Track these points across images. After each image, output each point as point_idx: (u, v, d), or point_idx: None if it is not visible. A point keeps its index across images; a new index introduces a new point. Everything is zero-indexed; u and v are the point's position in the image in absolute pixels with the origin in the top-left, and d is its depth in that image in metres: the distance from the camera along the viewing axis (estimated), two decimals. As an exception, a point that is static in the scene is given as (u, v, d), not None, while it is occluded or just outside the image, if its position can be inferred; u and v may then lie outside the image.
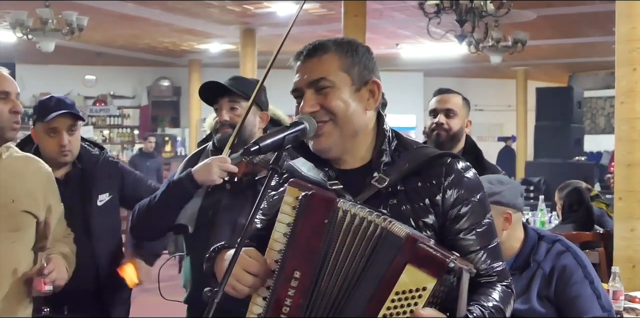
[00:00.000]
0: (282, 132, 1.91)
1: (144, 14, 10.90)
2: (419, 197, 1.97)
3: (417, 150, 2.05)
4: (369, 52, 2.06)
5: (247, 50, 12.58)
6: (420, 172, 1.99)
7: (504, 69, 16.72)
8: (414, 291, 1.74)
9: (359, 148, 2.04)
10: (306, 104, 1.98)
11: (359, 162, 2.04)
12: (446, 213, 1.97)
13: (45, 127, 3.36)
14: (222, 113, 3.07)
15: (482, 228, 1.99)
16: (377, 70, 2.07)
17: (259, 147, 1.84)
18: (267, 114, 3.22)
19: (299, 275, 1.82)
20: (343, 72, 1.99)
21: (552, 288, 3.03)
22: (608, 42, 8.92)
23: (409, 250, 1.75)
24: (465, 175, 2.00)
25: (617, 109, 5.68)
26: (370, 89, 2.02)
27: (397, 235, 1.78)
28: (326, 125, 1.97)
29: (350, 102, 1.98)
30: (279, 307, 1.83)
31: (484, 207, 2.03)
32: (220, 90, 3.08)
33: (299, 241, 1.84)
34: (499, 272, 2.01)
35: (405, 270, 1.74)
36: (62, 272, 2.85)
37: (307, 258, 1.83)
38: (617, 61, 5.67)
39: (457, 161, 2.02)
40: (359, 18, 9.07)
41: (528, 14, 10.42)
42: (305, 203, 1.85)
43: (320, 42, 2.04)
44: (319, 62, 2.00)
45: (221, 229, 2.92)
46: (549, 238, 3.19)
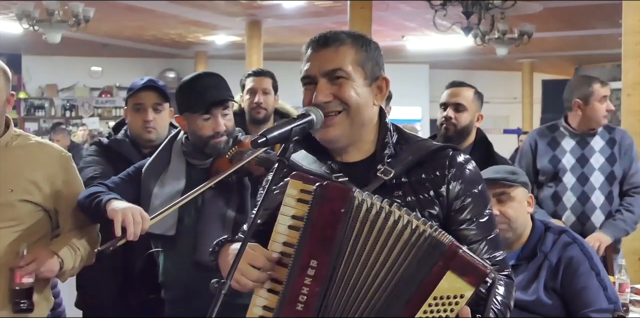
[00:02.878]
0: (289, 123, 1.91)
1: (150, 5, 10.89)
2: (424, 188, 2.00)
3: (418, 143, 2.09)
4: (379, 48, 2.10)
5: (252, 42, 12.57)
6: (424, 164, 2.03)
7: (510, 61, 16.68)
8: (451, 298, 1.77)
9: (363, 140, 2.06)
10: (320, 93, 1.99)
11: (362, 155, 2.07)
12: (450, 204, 2.01)
13: (132, 102, 3.54)
14: (219, 123, 2.95)
15: (483, 218, 2.04)
16: (384, 67, 2.11)
17: (267, 139, 1.84)
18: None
19: (315, 263, 1.82)
20: (358, 65, 2.01)
21: (558, 280, 3.04)
22: (614, 34, 8.89)
23: (452, 258, 1.78)
24: (467, 167, 2.05)
25: (623, 101, 5.67)
26: (379, 85, 2.06)
27: (440, 241, 1.80)
28: (338, 115, 1.99)
29: (364, 95, 2.01)
30: (295, 295, 1.83)
31: (485, 198, 2.08)
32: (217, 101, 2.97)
33: (315, 230, 1.84)
34: (499, 262, 2.05)
35: (445, 276, 1.76)
36: (47, 263, 2.76)
37: (324, 247, 1.83)
38: (623, 53, 5.66)
39: (458, 154, 2.07)
40: (365, 10, 9.05)
41: (534, 6, 10.39)
42: (321, 192, 1.86)
43: (335, 32, 2.06)
44: (336, 53, 2.01)
45: (209, 223, 2.89)
46: (556, 229, 3.20)
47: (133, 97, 3.54)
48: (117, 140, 3.62)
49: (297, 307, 1.82)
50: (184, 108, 2.98)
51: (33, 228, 2.88)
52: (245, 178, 2.97)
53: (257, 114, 4.29)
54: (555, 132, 4.63)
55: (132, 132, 3.59)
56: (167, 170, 3.05)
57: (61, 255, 2.82)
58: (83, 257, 2.93)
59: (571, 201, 4.50)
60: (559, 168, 4.52)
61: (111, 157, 3.53)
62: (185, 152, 3.06)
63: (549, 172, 4.53)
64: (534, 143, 4.62)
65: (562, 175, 4.53)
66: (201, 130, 2.95)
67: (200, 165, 3.03)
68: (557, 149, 4.55)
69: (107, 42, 14.74)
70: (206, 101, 2.92)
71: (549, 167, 4.53)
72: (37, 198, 2.86)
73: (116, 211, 2.69)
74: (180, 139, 3.11)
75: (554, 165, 4.53)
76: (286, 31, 13.33)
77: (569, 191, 4.50)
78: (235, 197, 2.94)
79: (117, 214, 2.67)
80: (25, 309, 2.75)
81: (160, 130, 3.55)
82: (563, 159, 4.52)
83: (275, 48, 14.62)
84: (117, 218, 2.66)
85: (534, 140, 4.63)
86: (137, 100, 3.52)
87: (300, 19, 12.12)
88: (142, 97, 3.51)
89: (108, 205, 2.76)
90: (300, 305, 1.82)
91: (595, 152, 4.54)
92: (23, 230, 2.84)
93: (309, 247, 1.84)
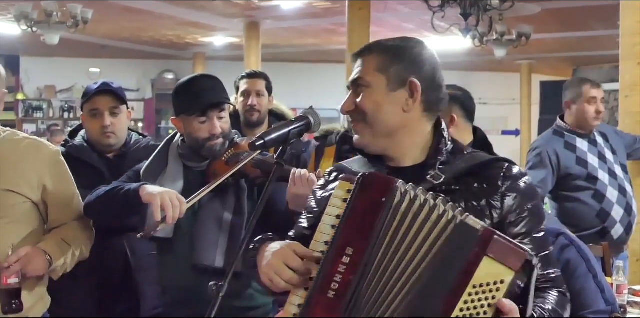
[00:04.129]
0: (286, 126, 1.92)
1: (148, 6, 10.88)
2: (475, 197, 1.97)
3: (472, 153, 2.09)
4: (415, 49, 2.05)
5: (251, 43, 12.56)
6: (477, 174, 2.01)
7: (508, 63, 16.67)
8: (491, 284, 1.73)
9: (404, 147, 2.05)
10: (344, 103, 2.04)
11: (413, 162, 2.05)
12: (505, 217, 1.98)
13: (87, 108, 3.46)
14: (215, 126, 2.95)
15: (538, 234, 2.01)
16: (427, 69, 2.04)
17: (264, 141, 1.85)
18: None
19: (351, 251, 1.80)
20: (379, 72, 2.00)
21: (555, 282, 3.04)
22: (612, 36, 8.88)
23: (487, 242, 1.74)
24: (523, 181, 2.02)
25: (621, 102, 5.67)
26: (411, 89, 2.01)
27: (472, 227, 1.77)
28: (359, 124, 2.02)
29: (383, 103, 1.99)
30: (328, 283, 1.80)
31: (540, 214, 2.04)
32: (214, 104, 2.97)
33: (354, 218, 1.83)
34: (553, 279, 2.01)
35: (482, 262, 1.73)
36: (33, 262, 2.73)
37: (361, 235, 1.81)
38: (621, 55, 5.66)
39: (513, 166, 2.05)
40: (364, 11, 9.05)
41: (532, 8, 10.38)
42: (364, 181, 1.85)
43: (374, 42, 2.08)
44: (361, 63, 2.04)
45: (206, 225, 2.89)
46: (552, 231, 3.19)
47: (88, 103, 3.47)
48: (76, 146, 3.55)
49: (329, 294, 1.80)
50: (180, 110, 2.98)
51: (21, 222, 2.84)
52: (242, 180, 2.97)
53: (250, 116, 4.28)
54: (563, 136, 4.69)
55: (91, 138, 3.52)
56: (165, 173, 3.05)
57: (49, 252, 2.79)
58: (75, 252, 2.91)
59: (615, 196, 4.59)
60: (590, 169, 4.57)
61: (71, 164, 3.40)
62: (182, 154, 3.06)
63: (582, 174, 4.59)
64: (552, 151, 4.63)
65: (596, 174, 4.60)
66: (197, 133, 2.95)
67: (197, 167, 3.02)
68: (577, 151, 4.62)
69: (105, 43, 14.72)
70: (202, 104, 2.92)
71: (580, 169, 4.59)
72: (23, 190, 2.83)
73: (154, 195, 2.69)
74: (176, 142, 3.10)
75: (583, 166, 4.58)
76: (284, 32, 13.32)
77: (609, 187, 4.59)
78: (232, 199, 2.94)
79: (155, 198, 2.67)
80: (15, 309, 2.71)
81: (120, 134, 3.50)
82: (588, 159, 4.59)
83: (274, 49, 14.61)
84: (156, 202, 2.66)
85: (552, 149, 4.65)
86: (92, 106, 3.45)
87: (298, 20, 12.11)
88: (98, 102, 3.44)
89: (142, 191, 2.75)
90: (332, 293, 1.79)
91: (604, 148, 4.66)
92: (9, 224, 2.80)
93: (346, 234, 1.82)
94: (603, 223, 4.55)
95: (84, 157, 3.49)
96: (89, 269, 3.21)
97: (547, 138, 4.87)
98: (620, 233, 4.59)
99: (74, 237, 2.93)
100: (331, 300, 1.79)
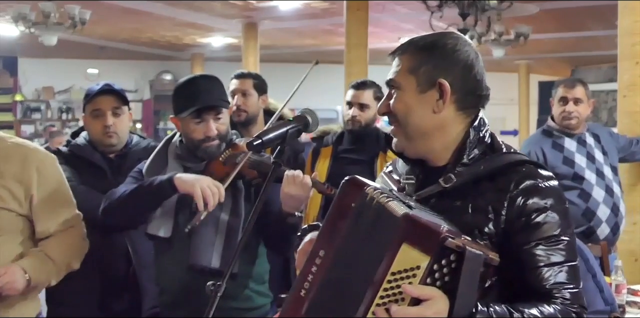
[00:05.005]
0: (284, 126, 1.92)
1: (146, 7, 10.88)
2: (482, 202, 1.89)
3: (502, 155, 1.97)
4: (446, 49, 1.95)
5: (249, 44, 12.56)
6: (494, 178, 1.91)
7: (506, 63, 16.68)
8: (408, 271, 1.71)
9: (439, 148, 1.99)
10: (380, 105, 2.02)
11: (441, 162, 2.00)
12: (512, 223, 1.86)
13: (90, 108, 3.46)
14: (210, 128, 2.94)
15: (554, 242, 1.85)
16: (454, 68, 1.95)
17: (262, 141, 1.85)
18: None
19: (322, 253, 1.85)
20: (410, 73, 1.95)
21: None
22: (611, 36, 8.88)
23: (404, 229, 1.72)
24: (544, 184, 1.90)
25: (619, 102, 5.67)
26: (441, 90, 1.94)
27: (393, 214, 1.75)
28: (394, 126, 1.99)
29: (413, 104, 1.95)
30: (302, 280, 1.87)
31: (564, 221, 1.88)
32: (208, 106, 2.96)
33: (327, 222, 1.88)
34: (569, 295, 1.83)
35: (400, 249, 1.72)
36: (10, 281, 2.66)
37: (331, 238, 1.86)
38: (619, 55, 5.66)
39: (536, 169, 1.94)
40: (362, 12, 9.04)
41: (530, 8, 10.39)
42: (341, 187, 1.89)
43: (411, 39, 2.01)
44: (395, 63, 1.99)
45: (203, 226, 2.86)
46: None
47: (91, 103, 3.47)
48: (78, 145, 3.56)
49: (301, 292, 1.85)
50: (177, 110, 2.97)
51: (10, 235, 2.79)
52: (239, 181, 2.97)
53: (237, 116, 4.24)
54: (552, 136, 4.72)
55: (93, 138, 3.52)
56: (164, 173, 3.04)
57: (28, 270, 2.73)
58: (61, 267, 2.86)
59: (601, 195, 4.60)
60: (576, 168, 4.59)
61: (74, 162, 3.47)
62: (180, 155, 3.05)
63: (568, 173, 4.60)
64: (539, 150, 4.67)
65: (583, 174, 4.62)
66: (193, 134, 2.95)
67: (194, 168, 3.02)
68: (565, 151, 4.64)
69: (103, 44, 14.71)
70: (196, 105, 2.91)
71: (567, 168, 4.61)
72: (9, 205, 2.78)
73: (193, 185, 2.74)
74: (175, 142, 3.10)
75: (570, 165, 4.60)
76: (282, 33, 13.32)
77: (595, 186, 4.60)
78: (228, 200, 2.93)
79: (195, 188, 2.73)
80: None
81: (121, 135, 3.50)
82: (575, 159, 4.62)
83: (272, 50, 14.61)
84: (197, 193, 2.72)
85: (539, 148, 4.68)
86: (95, 106, 3.46)
87: (296, 21, 12.11)
88: (100, 102, 3.45)
89: (176, 180, 2.79)
90: (303, 291, 1.85)
91: (593, 148, 4.69)
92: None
93: (321, 238, 1.88)
94: (589, 222, 4.56)
95: (86, 156, 3.49)
96: (91, 267, 3.21)
97: (535, 138, 4.92)
98: (607, 234, 4.60)
99: (60, 252, 2.86)
100: (300, 298, 1.86)
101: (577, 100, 4.70)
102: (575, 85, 4.75)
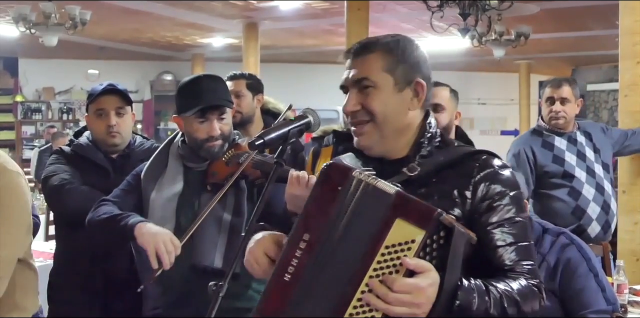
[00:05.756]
0: (286, 125, 1.92)
1: (147, 8, 10.88)
2: (448, 188, 1.99)
3: (457, 147, 2.10)
4: (417, 49, 2.06)
5: (249, 44, 12.55)
6: (455, 166, 2.02)
7: (507, 63, 16.67)
8: (403, 244, 1.77)
9: (403, 143, 2.06)
10: (349, 103, 2.02)
11: (399, 155, 2.07)
12: (476, 206, 1.97)
13: (93, 108, 3.47)
14: (213, 127, 2.94)
15: (513, 224, 1.97)
16: (425, 68, 2.06)
17: (264, 140, 1.85)
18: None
19: (307, 237, 1.86)
20: (386, 72, 2.00)
21: (556, 281, 3.04)
22: (611, 35, 8.89)
23: (398, 205, 1.79)
24: (500, 172, 2.01)
25: (620, 102, 5.67)
26: (415, 89, 2.03)
27: (385, 192, 1.81)
28: (366, 125, 2.01)
29: (391, 102, 2.00)
30: (285, 266, 1.86)
31: (518, 205, 2.00)
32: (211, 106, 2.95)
33: (312, 206, 1.89)
34: (527, 270, 1.96)
35: (394, 224, 1.78)
36: None
37: (318, 222, 1.86)
38: (620, 54, 5.66)
39: (492, 158, 2.04)
40: (362, 12, 9.04)
41: (531, 7, 10.38)
42: (324, 171, 1.90)
43: (369, 40, 2.06)
44: (364, 62, 2.02)
45: (205, 226, 2.87)
46: (554, 231, 3.20)
47: (94, 103, 3.48)
48: (81, 145, 3.56)
49: (285, 277, 1.86)
50: (181, 110, 2.98)
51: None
52: (242, 181, 2.97)
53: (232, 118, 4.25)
54: (542, 135, 4.74)
55: (96, 137, 3.52)
56: (165, 174, 3.04)
57: None
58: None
59: (591, 193, 4.62)
60: (566, 166, 4.60)
61: (76, 162, 3.47)
62: (182, 155, 3.05)
63: (558, 171, 4.62)
64: (529, 149, 4.69)
65: (573, 172, 4.64)
66: (196, 133, 2.95)
67: (197, 167, 3.02)
68: (555, 149, 4.65)
69: (103, 45, 14.72)
70: (201, 105, 2.91)
71: (556, 166, 4.63)
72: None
73: (148, 242, 2.72)
74: (177, 142, 3.10)
75: (560, 164, 4.61)
76: (283, 33, 13.31)
77: (585, 184, 4.61)
78: (231, 200, 2.93)
79: (149, 245, 2.71)
80: None
81: (125, 135, 3.52)
82: (565, 157, 4.64)
83: (273, 50, 14.61)
84: (151, 250, 2.70)
85: (529, 147, 4.71)
86: (98, 106, 3.47)
87: (297, 21, 12.11)
88: (104, 102, 3.46)
89: (136, 231, 2.78)
90: (288, 276, 1.85)
91: (584, 146, 4.72)
92: None
93: (304, 221, 1.88)
94: (579, 220, 4.57)
95: (89, 155, 3.50)
96: (93, 267, 3.21)
97: (525, 137, 4.94)
98: (598, 232, 4.60)
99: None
100: (285, 282, 1.86)
101: (564, 100, 4.70)
102: (562, 85, 4.76)
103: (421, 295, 1.74)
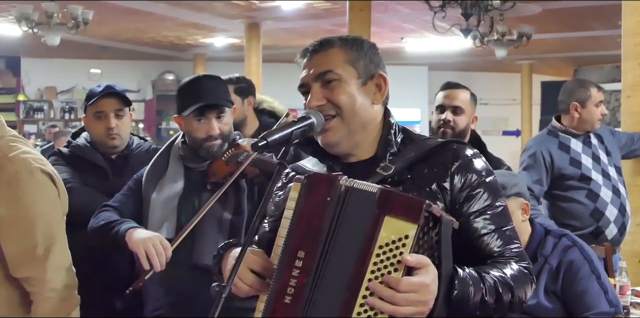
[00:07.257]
0: (289, 126, 1.90)
1: (149, 8, 10.88)
2: (426, 183, 1.96)
3: (424, 140, 2.06)
4: (374, 47, 2.08)
5: (251, 44, 12.56)
6: (427, 159, 1.99)
7: (509, 63, 16.67)
8: (396, 241, 1.73)
9: (367, 141, 2.03)
10: (313, 98, 1.98)
11: (366, 155, 2.04)
12: (455, 197, 1.96)
13: (92, 110, 3.47)
14: (212, 127, 2.95)
15: (493, 211, 1.97)
16: (383, 65, 2.07)
17: (267, 142, 1.84)
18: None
19: (303, 255, 1.81)
20: (349, 65, 1.99)
21: (559, 283, 3.04)
22: (614, 36, 8.89)
23: (384, 202, 1.75)
24: (474, 160, 1.99)
25: (622, 102, 5.66)
26: (377, 83, 2.03)
27: (368, 191, 1.79)
28: (333, 119, 1.97)
29: (357, 95, 1.98)
30: (283, 288, 1.81)
31: (495, 191, 2.00)
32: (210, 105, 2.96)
33: (301, 222, 1.84)
34: (516, 253, 1.97)
35: (384, 222, 1.73)
36: None
37: (310, 237, 1.81)
38: (623, 55, 5.65)
39: (464, 147, 2.02)
40: (364, 12, 9.04)
41: (533, 8, 10.38)
42: (308, 183, 1.86)
43: (325, 38, 2.07)
44: (325, 56, 2.01)
45: (206, 226, 2.88)
46: (556, 232, 3.20)
47: (93, 105, 3.48)
48: (79, 146, 3.57)
49: (285, 300, 1.80)
50: (180, 109, 2.99)
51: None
52: (242, 180, 2.97)
53: None
54: (558, 136, 4.71)
55: (95, 139, 3.53)
56: (165, 175, 3.06)
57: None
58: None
59: (609, 196, 4.62)
60: (584, 169, 4.59)
61: (75, 163, 3.48)
62: (182, 156, 3.07)
63: (575, 174, 4.61)
64: (546, 151, 4.64)
65: (589, 174, 4.62)
66: (195, 133, 2.97)
67: (197, 167, 3.03)
68: (571, 152, 4.64)
69: (106, 44, 14.73)
70: (199, 104, 2.93)
71: (574, 169, 4.62)
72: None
73: (138, 245, 2.76)
74: (177, 144, 3.11)
75: (577, 166, 4.60)
76: (285, 33, 13.31)
77: (603, 187, 4.61)
78: (231, 199, 2.94)
79: (139, 248, 2.75)
80: None
81: (124, 136, 3.52)
82: (582, 160, 4.62)
83: (274, 50, 14.60)
84: (141, 252, 2.74)
85: (546, 149, 4.66)
86: (98, 108, 3.47)
87: (299, 21, 12.11)
88: (103, 105, 3.46)
89: (127, 236, 2.83)
90: (289, 298, 1.80)
91: (598, 149, 4.72)
92: None
93: (296, 237, 1.83)
94: (597, 222, 4.56)
95: (88, 157, 3.51)
96: (94, 267, 3.20)
97: (541, 138, 4.88)
98: (614, 234, 4.60)
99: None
100: (288, 306, 1.80)
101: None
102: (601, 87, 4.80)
103: (427, 292, 1.72)
